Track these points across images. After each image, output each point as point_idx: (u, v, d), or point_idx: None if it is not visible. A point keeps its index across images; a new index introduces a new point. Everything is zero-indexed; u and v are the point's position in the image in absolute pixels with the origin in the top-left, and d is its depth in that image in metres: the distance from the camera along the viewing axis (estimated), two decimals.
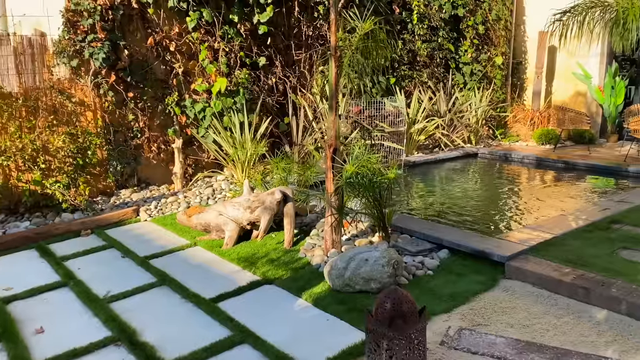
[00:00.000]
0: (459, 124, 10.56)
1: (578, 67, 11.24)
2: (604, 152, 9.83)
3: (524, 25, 12.20)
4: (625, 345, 3.18)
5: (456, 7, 10.56)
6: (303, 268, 4.57)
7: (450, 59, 11.09)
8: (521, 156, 9.70)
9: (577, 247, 4.50)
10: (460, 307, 3.76)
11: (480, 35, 11.01)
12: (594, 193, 7.33)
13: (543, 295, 3.90)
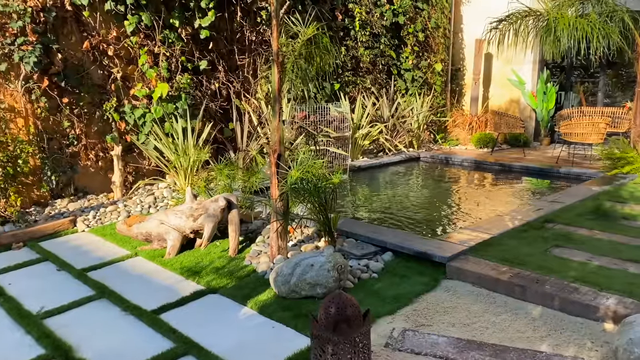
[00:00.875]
0: (401, 129, 10.79)
1: (513, 74, 11.76)
2: (538, 155, 10.32)
3: (462, 33, 12.65)
4: (559, 339, 3.33)
5: (397, 15, 10.81)
6: (248, 276, 4.52)
7: (392, 66, 11.32)
8: (461, 159, 10.03)
9: (513, 247, 4.69)
10: (404, 309, 3.83)
11: (420, 42, 11.32)
12: (529, 194, 7.68)
13: (482, 294, 4.03)
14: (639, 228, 5.24)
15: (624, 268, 4.17)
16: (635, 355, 2.78)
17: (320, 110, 8.88)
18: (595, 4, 7.94)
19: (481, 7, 11.60)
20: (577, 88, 12.23)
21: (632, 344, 2.82)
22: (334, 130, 8.93)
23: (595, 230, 5.16)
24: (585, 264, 4.27)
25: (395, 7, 10.74)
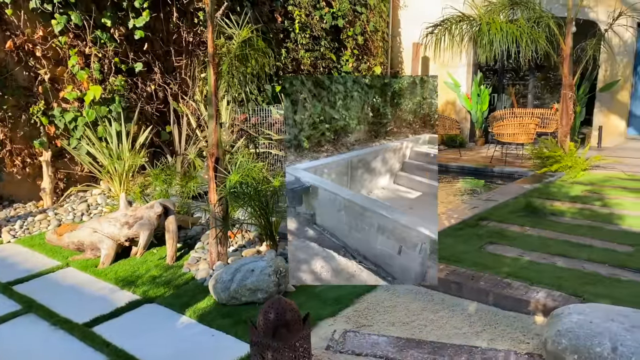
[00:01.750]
0: None
1: (449, 77, 12.14)
2: (473, 155, 10.70)
3: (400, 37, 12.93)
4: (493, 333, 3.44)
5: (336, 18, 10.90)
6: (187, 283, 4.39)
7: (333, 68, 11.40)
8: None
9: (449, 245, 4.81)
10: (345, 310, 3.83)
11: (360, 45, 11.46)
12: (465, 193, 7.93)
13: (421, 292, 4.10)
14: (566, 223, 5.51)
15: (553, 262, 4.37)
16: (562, 346, 2.90)
17: (262, 113, 8.81)
18: (523, 10, 8.32)
19: (417, 11, 11.90)
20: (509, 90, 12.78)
21: (559, 336, 2.95)
22: (276, 133, 8.88)
23: (526, 226, 5.39)
24: (517, 259, 4.45)
25: (334, 11, 10.83)
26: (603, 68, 10.53)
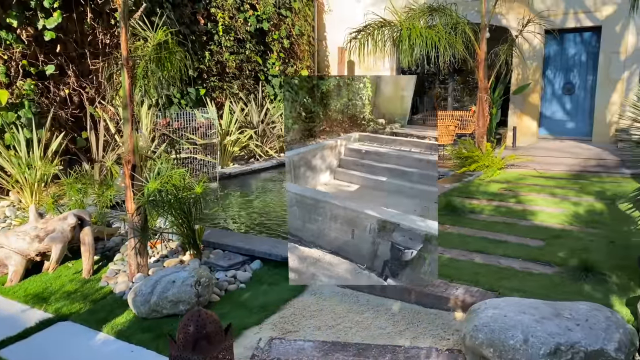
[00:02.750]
0: (271, 134, 10.82)
1: None
2: None
3: (326, 40, 13.06)
4: (416, 332, 3.52)
5: (261, 21, 10.83)
6: (105, 298, 4.17)
7: (259, 71, 11.33)
8: None
9: None
10: (271, 317, 3.79)
11: (286, 49, 11.46)
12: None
13: (347, 294, 4.13)
14: (483, 221, 5.76)
15: (471, 259, 4.54)
16: (479, 340, 3.01)
17: (186, 117, 8.58)
18: (441, 16, 8.64)
19: (342, 16, 12.08)
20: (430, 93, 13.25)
21: (476, 330, 3.05)
22: (201, 137, 8.68)
23: (446, 224, 5.58)
24: (439, 257, 4.58)
25: (259, 14, 10.76)
26: (516, 72, 11.16)
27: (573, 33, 10.73)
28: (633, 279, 3.87)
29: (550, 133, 11.46)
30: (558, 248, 4.72)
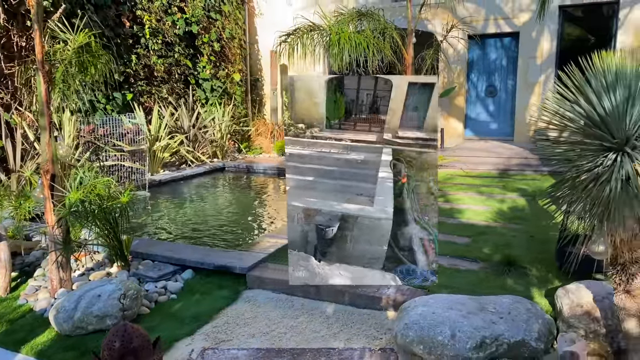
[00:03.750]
0: (203, 139, 10.61)
1: None
2: None
3: (258, 44, 12.98)
4: (349, 333, 3.55)
5: (190, 24, 10.60)
6: (23, 317, 3.92)
7: (189, 75, 11.08)
8: (264, 167, 10.25)
9: None
10: (204, 327, 3.70)
11: (216, 52, 11.28)
12: None
13: (282, 299, 4.11)
14: None
15: None
16: (410, 338, 3.08)
17: (112, 122, 8.25)
18: (370, 21, 8.81)
19: (273, 19, 12.05)
20: None
21: (407, 328, 3.13)
22: (129, 144, 8.37)
23: None
24: None
25: (187, 16, 10.53)
26: (442, 75, 11.57)
27: (494, 38, 11.27)
28: (551, 271, 4.10)
29: (476, 134, 11.97)
30: (483, 244, 4.93)
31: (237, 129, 11.85)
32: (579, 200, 2.48)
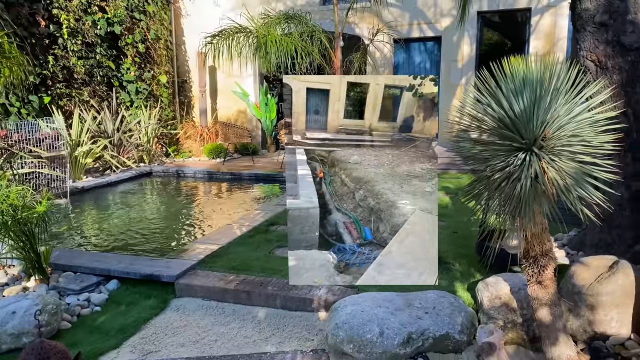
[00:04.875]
0: (128, 143, 10.24)
1: (237, 86, 12.32)
2: (266, 162, 11.03)
3: (185, 45, 12.69)
4: (281, 336, 3.55)
5: (112, 24, 10.20)
6: None
7: (112, 77, 10.66)
8: (194, 171, 10.04)
9: (240, 253, 4.85)
10: (130, 339, 3.57)
11: (141, 53, 10.92)
12: (258, 200, 8.13)
13: (212, 306, 4.04)
14: None
15: None
16: (340, 337, 3.12)
17: (27, 127, 7.77)
18: (297, 24, 8.86)
19: (200, 21, 11.83)
20: None
21: (337, 328, 3.17)
22: (47, 150, 7.93)
23: None
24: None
25: (109, 16, 10.12)
26: None
27: (418, 42, 11.67)
28: (473, 266, 4.30)
29: None
30: None
31: (165, 132, 11.54)
32: (493, 197, 2.62)
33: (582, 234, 4.48)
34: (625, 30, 3.61)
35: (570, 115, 2.43)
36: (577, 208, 2.41)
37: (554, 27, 10.15)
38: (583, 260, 3.35)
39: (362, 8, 10.43)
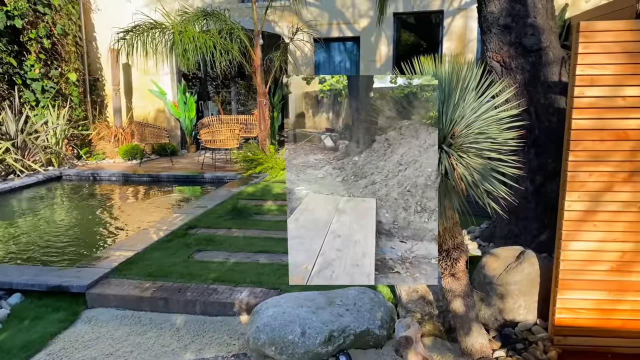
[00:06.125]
0: (34, 146, 9.55)
1: (153, 85, 11.87)
2: (186, 163, 10.72)
3: (96, 41, 12.06)
4: (201, 343, 3.44)
5: (12, 18, 9.47)
6: None
7: (14, 75, 9.90)
8: (109, 174, 9.56)
9: (157, 259, 4.65)
10: (36, 356, 3.31)
11: (47, 49, 10.23)
12: (177, 202, 7.86)
13: (127, 316, 3.84)
14: (268, 221, 5.95)
15: (256, 260, 4.64)
16: (261, 341, 3.07)
17: None
18: (216, 21, 8.67)
19: (112, 16, 11.28)
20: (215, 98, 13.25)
21: (258, 331, 3.11)
22: None
23: (233, 229, 5.62)
24: (224, 263, 4.57)
25: (9, 9, 9.38)
26: None
27: (338, 42, 11.82)
28: None
29: None
30: None
31: (76, 133, 10.90)
32: None
33: (492, 226, 4.72)
34: (526, 33, 3.82)
35: (477, 114, 2.52)
36: (485, 202, 2.51)
37: (465, 29, 10.65)
38: (493, 251, 3.52)
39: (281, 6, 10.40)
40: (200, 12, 8.63)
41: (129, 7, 10.99)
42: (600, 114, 2.82)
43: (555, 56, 3.81)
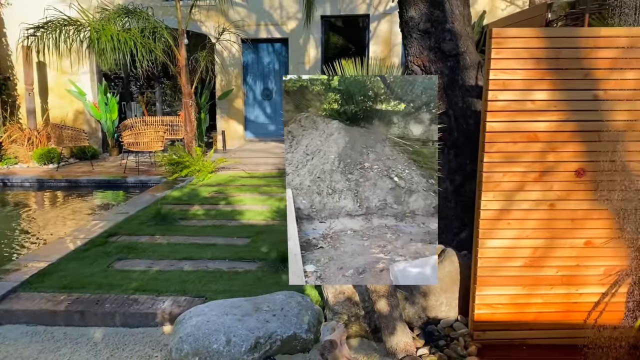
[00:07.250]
0: None
1: (71, 85, 11.25)
2: (108, 166, 10.24)
3: (6, 38, 11.27)
4: (121, 357, 3.26)
5: None
6: None
7: None
8: (21, 179, 8.95)
9: (73, 270, 4.38)
10: None
11: None
12: (97, 208, 7.48)
13: (39, 332, 3.58)
14: (193, 226, 5.78)
15: (180, 268, 4.48)
16: (184, 351, 2.96)
17: None
18: (138, 20, 8.33)
19: (25, 11, 10.57)
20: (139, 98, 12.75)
21: (181, 342, 2.99)
22: None
23: (156, 235, 5.40)
24: (146, 271, 4.38)
25: None
26: (219, 78, 11.61)
27: (266, 43, 11.74)
28: None
29: (256, 136, 12.33)
30: (261, 244, 5.05)
31: None
32: None
33: None
34: (445, 38, 3.95)
35: None
36: None
37: (390, 33, 10.91)
38: None
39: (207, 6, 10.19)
40: (122, 9, 8.26)
41: (43, 2, 10.34)
42: (512, 117, 2.95)
43: (472, 61, 3.96)
